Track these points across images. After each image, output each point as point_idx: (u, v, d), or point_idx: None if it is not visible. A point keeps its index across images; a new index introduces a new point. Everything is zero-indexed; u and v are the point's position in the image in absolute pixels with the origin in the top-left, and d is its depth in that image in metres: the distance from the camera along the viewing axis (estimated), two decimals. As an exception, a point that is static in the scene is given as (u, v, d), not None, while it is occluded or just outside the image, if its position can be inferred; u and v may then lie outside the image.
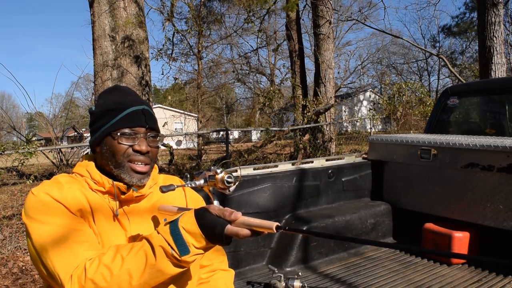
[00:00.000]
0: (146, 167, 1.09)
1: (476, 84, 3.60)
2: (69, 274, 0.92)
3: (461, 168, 2.47)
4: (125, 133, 1.06)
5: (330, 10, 9.03)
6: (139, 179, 1.09)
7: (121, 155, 1.06)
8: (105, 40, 6.88)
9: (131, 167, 1.07)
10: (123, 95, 1.12)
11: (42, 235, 0.96)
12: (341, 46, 27.14)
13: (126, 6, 6.98)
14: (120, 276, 0.88)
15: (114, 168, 1.07)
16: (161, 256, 0.88)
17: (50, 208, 0.99)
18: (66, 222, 0.98)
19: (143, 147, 1.07)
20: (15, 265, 3.78)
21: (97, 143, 1.10)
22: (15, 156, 5.00)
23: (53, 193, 1.01)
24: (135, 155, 1.07)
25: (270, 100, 8.27)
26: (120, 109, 1.08)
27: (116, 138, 1.06)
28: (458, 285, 2.17)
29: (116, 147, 1.06)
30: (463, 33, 24.87)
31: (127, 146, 1.06)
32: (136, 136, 1.07)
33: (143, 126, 1.08)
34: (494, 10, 6.33)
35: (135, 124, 1.07)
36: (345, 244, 2.66)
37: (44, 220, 0.97)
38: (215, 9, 12.95)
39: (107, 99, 1.12)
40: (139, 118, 1.08)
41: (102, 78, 6.86)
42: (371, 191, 3.07)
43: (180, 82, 9.80)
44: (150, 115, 1.11)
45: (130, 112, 1.08)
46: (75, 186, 1.06)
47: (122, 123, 1.06)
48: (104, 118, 1.08)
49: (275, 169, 2.65)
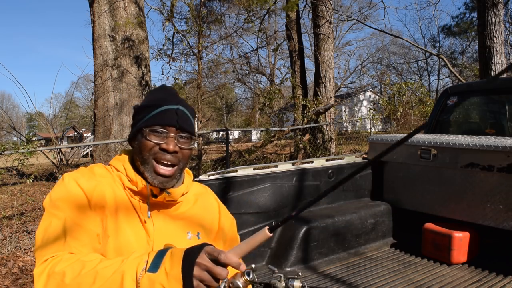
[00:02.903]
0: (171, 170, 1.06)
1: (476, 84, 3.60)
2: (45, 258, 0.93)
3: (461, 168, 2.47)
4: (154, 130, 1.05)
5: (330, 10, 9.03)
6: (160, 181, 1.06)
7: (147, 151, 1.05)
8: (105, 40, 6.88)
9: (154, 168, 1.05)
10: (163, 94, 1.12)
11: (48, 226, 0.99)
12: (341, 46, 27.13)
13: (126, 6, 6.98)
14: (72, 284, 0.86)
15: (141, 164, 1.07)
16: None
17: (69, 199, 1.01)
18: (75, 215, 0.99)
19: (170, 146, 1.04)
20: (15, 265, 3.78)
21: (132, 138, 1.12)
22: (15, 156, 5.00)
23: (81, 182, 1.03)
24: (161, 153, 1.05)
25: (270, 100, 8.27)
26: (155, 106, 1.07)
27: (145, 134, 1.05)
28: (458, 285, 2.17)
29: (144, 143, 1.05)
30: (463, 33, 24.87)
31: (154, 144, 1.05)
32: (166, 135, 1.05)
33: (173, 126, 1.06)
34: (494, 10, 6.33)
35: (165, 122, 1.05)
36: (345, 244, 2.66)
37: (56, 213, 0.99)
38: (215, 9, 12.96)
39: (150, 96, 1.14)
40: (171, 117, 1.06)
41: (102, 78, 6.86)
42: (371, 191, 3.07)
43: (180, 82, 9.78)
44: (184, 116, 1.08)
45: (163, 110, 1.06)
46: (106, 181, 1.07)
47: (154, 120, 1.06)
48: (141, 114, 1.09)
49: (275, 169, 2.65)
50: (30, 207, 5.91)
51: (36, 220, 5.06)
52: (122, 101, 6.89)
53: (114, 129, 6.84)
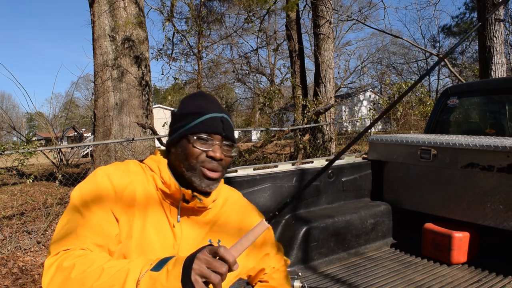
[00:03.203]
0: (217, 174, 1.08)
1: (476, 84, 3.60)
2: (58, 251, 0.94)
3: (461, 168, 2.47)
4: (201, 137, 1.05)
5: (330, 10, 9.03)
6: (208, 184, 1.07)
7: (194, 159, 1.05)
8: (105, 40, 6.88)
9: (203, 172, 1.06)
10: (205, 101, 1.12)
11: (69, 220, 1.00)
12: (341, 46, 27.14)
13: (126, 6, 6.98)
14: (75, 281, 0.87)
15: (186, 170, 1.07)
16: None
17: (96, 195, 1.01)
18: (99, 213, 1.00)
19: (217, 154, 1.05)
20: (15, 265, 3.78)
21: (173, 144, 1.11)
22: (15, 156, 5.01)
23: (113, 178, 1.05)
24: (209, 161, 1.06)
25: (270, 100, 8.26)
26: (200, 113, 1.08)
27: (191, 141, 1.05)
28: (458, 285, 2.17)
29: (191, 150, 1.05)
30: (463, 33, 24.86)
31: (201, 151, 1.05)
32: (212, 143, 1.06)
33: (219, 134, 1.07)
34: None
35: (212, 130, 1.06)
36: (345, 244, 2.66)
37: (80, 208, 1.00)
38: (215, 9, 12.96)
39: (190, 103, 1.13)
40: (217, 125, 1.07)
41: (102, 78, 6.86)
42: (371, 191, 3.07)
43: (180, 82, 9.79)
44: (228, 124, 1.10)
45: (209, 118, 1.07)
46: (140, 179, 1.08)
47: (200, 128, 1.06)
48: (183, 121, 1.09)
49: (275, 169, 2.65)
50: (30, 207, 5.91)
51: (36, 220, 5.06)
52: (122, 101, 6.89)
53: (114, 129, 6.84)
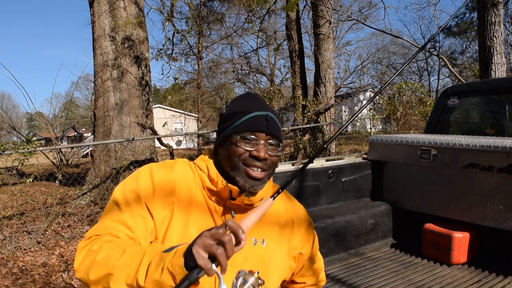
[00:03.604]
0: (262, 173, 1.06)
1: (476, 84, 3.60)
2: (91, 235, 0.98)
3: (461, 169, 2.47)
4: (244, 137, 1.04)
5: (330, 10, 9.03)
6: (252, 185, 1.06)
7: (237, 157, 1.04)
8: (105, 40, 6.88)
9: (246, 171, 1.05)
10: (250, 101, 1.11)
11: (108, 212, 1.04)
12: (341, 46, 27.12)
13: (126, 6, 6.98)
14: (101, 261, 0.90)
15: (230, 170, 1.06)
16: None
17: (137, 190, 1.04)
18: (137, 208, 1.02)
19: (261, 154, 1.04)
20: (15, 265, 3.78)
21: (220, 144, 1.10)
22: (15, 156, 5.00)
23: (155, 175, 1.06)
24: (251, 160, 1.04)
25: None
26: (244, 112, 1.07)
27: (235, 141, 1.04)
28: (458, 285, 2.18)
29: (234, 149, 1.04)
30: (463, 33, 24.86)
31: (244, 150, 1.04)
32: (256, 142, 1.05)
33: (263, 132, 1.05)
34: (494, 10, 6.33)
35: (255, 128, 1.05)
36: (345, 244, 2.66)
37: (120, 201, 1.04)
38: (215, 9, 12.95)
39: (236, 103, 1.13)
40: (261, 123, 1.05)
41: (102, 78, 6.86)
42: (371, 191, 3.07)
43: (180, 82, 9.80)
44: (273, 122, 1.08)
45: (253, 116, 1.06)
46: (184, 179, 1.08)
47: (244, 127, 1.05)
48: (229, 121, 1.08)
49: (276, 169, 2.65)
50: (30, 207, 5.91)
51: (36, 220, 5.06)
52: (122, 101, 6.89)
53: (114, 129, 6.84)
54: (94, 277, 0.89)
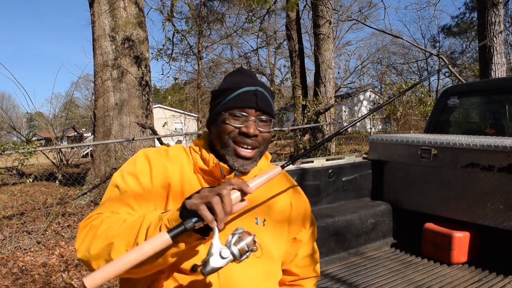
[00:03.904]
0: (252, 152, 1.04)
1: (476, 84, 3.60)
2: (92, 215, 0.98)
3: (461, 168, 2.47)
4: (233, 113, 1.02)
5: (330, 10, 9.03)
6: (241, 164, 1.04)
7: (226, 135, 1.03)
8: (105, 40, 6.88)
9: (235, 150, 1.03)
10: (242, 76, 1.09)
11: (108, 195, 1.05)
12: (341, 46, 27.11)
13: (126, 6, 6.98)
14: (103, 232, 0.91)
15: (220, 148, 1.05)
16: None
17: (135, 172, 1.05)
18: (137, 188, 1.03)
19: (250, 130, 1.01)
20: (15, 265, 3.78)
21: (211, 123, 1.09)
22: (15, 156, 5.01)
23: (151, 158, 1.07)
24: (241, 137, 1.02)
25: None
26: (233, 88, 1.05)
27: (224, 118, 1.03)
28: (458, 285, 2.17)
29: (223, 126, 1.03)
30: (463, 33, 24.87)
31: (233, 127, 1.02)
32: (246, 118, 1.02)
33: (252, 108, 1.03)
34: (494, 10, 6.33)
35: (244, 104, 1.02)
36: (346, 244, 2.66)
37: (120, 184, 1.04)
38: (215, 9, 12.95)
39: (227, 79, 1.11)
40: (250, 98, 1.03)
41: (102, 78, 6.86)
42: (371, 191, 3.07)
43: (180, 82, 9.79)
44: (263, 98, 1.05)
45: (242, 92, 1.03)
46: (178, 162, 1.08)
47: (232, 103, 1.03)
48: (218, 98, 1.07)
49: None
50: (30, 207, 5.91)
51: (36, 220, 5.06)
52: (122, 101, 6.89)
53: (114, 129, 6.84)
54: (95, 251, 0.88)
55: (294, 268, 1.25)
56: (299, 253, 1.23)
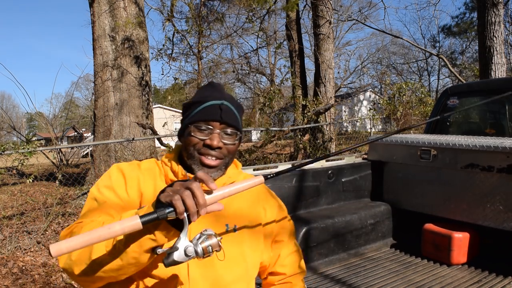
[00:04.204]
0: (216, 161, 1.08)
1: (476, 84, 3.60)
2: (72, 224, 1.00)
3: (461, 169, 2.47)
4: (198, 126, 1.07)
5: (330, 10, 9.03)
6: (206, 172, 1.07)
7: (192, 147, 1.08)
8: (105, 40, 6.87)
9: (200, 160, 1.08)
10: (210, 90, 1.13)
11: (87, 207, 1.07)
12: (341, 46, 27.13)
13: (126, 6, 6.98)
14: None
15: (187, 159, 1.10)
16: None
17: (110, 185, 1.08)
18: (113, 199, 1.06)
19: (214, 142, 1.06)
20: (15, 265, 3.78)
21: (181, 135, 1.14)
22: (15, 156, 5.00)
23: (125, 171, 1.11)
24: (205, 149, 1.07)
25: (271, 100, 8.26)
26: (200, 102, 1.10)
27: (190, 131, 1.08)
28: (458, 285, 2.18)
29: (189, 139, 1.08)
30: (463, 33, 24.86)
31: (198, 140, 1.07)
32: (210, 131, 1.07)
33: (217, 121, 1.07)
34: (494, 10, 6.33)
35: (209, 117, 1.07)
36: (345, 245, 2.66)
37: (98, 196, 1.07)
38: (215, 9, 12.95)
39: (197, 93, 1.16)
40: (215, 112, 1.08)
41: (102, 78, 6.86)
42: (371, 191, 3.07)
43: (180, 82, 9.78)
44: (228, 111, 1.10)
45: (208, 105, 1.08)
46: (150, 174, 1.12)
47: (198, 116, 1.08)
48: (188, 111, 1.12)
49: (275, 169, 2.65)
50: (30, 207, 5.91)
51: (36, 220, 5.06)
52: (122, 101, 6.89)
53: (114, 129, 6.84)
54: (76, 255, 0.89)
55: (280, 268, 1.28)
56: (281, 253, 1.27)
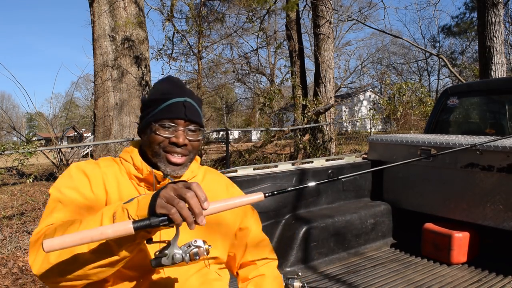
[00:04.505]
0: (182, 158, 1.09)
1: (476, 84, 3.60)
2: (41, 227, 0.96)
3: (461, 168, 2.47)
4: (163, 124, 1.06)
5: (330, 10, 9.03)
6: (173, 169, 1.08)
7: (157, 145, 1.07)
8: (105, 40, 6.88)
9: (167, 157, 1.08)
10: (170, 86, 1.12)
11: (50, 208, 1.03)
12: (341, 46, 27.10)
13: (126, 6, 6.98)
14: None
15: (152, 157, 1.09)
16: None
17: (73, 184, 1.05)
18: (78, 199, 1.03)
19: (180, 140, 1.06)
20: (15, 265, 3.78)
21: (142, 131, 1.14)
22: (15, 156, 5.00)
23: (86, 169, 1.09)
24: (171, 147, 1.07)
25: (271, 100, 8.26)
26: (163, 99, 1.08)
27: (154, 129, 1.07)
28: (458, 285, 2.18)
29: (154, 137, 1.07)
30: (463, 33, 24.86)
31: (163, 138, 1.07)
32: (175, 129, 1.07)
33: (181, 118, 1.07)
34: (494, 10, 6.33)
35: (173, 115, 1.07)
36: (345, 244, 2.66)
37: (60, 197, 1.03)
38: (215, 9, 12.94)
39: (157, 88, 1.14)
40: (179, 110, 1.07)
41: (102, 78, 6.86)
42: (371, 191, 3.07)
43: (180, 82, 9.78)
44: (192, 108, 1.09)
45: (171, 103, 1.07)
46: (111, 171, 1.11)
47: (162, 114, 1.07)
48: (149, 108, 1.10)
49: (275, 169, 2.65)
50: (30, 207, 5.91)
51: (36, 220, 5.05)
52: (122, 101, 6.90)
53: (114, 129, 6.84)
54: (54, 257, 0.86)
55: (250, 256, 1.29)
56: (248, 241, 1.27)
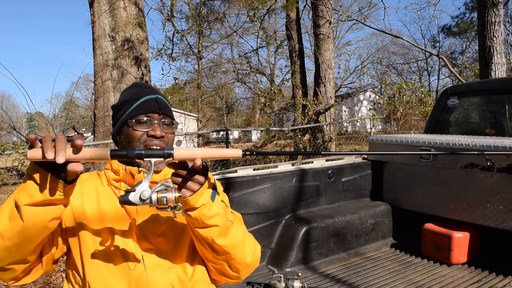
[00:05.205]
0: None
1: (476, 84, 3.60)
2: None
3: (461, 169, 2.47)
4: (139, 119, 1.12)
5: (330, 10, 9.03)
6: (155, 163, 1.10)
7: (137, 141, 1.11)
8: (105, 40, 6.87)
9: None
10: (139, 88, 1.20)
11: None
12: (341, 46, 27.07)
13: (126, 6, 6.98)
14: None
15: None
16: None
17: None
18: None
19: (157, 132, 1.11)
20: (15, 265, 3.78)
21: (118, 134, 1.19)
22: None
23: None
24: (150, 140, 1.12)
25: (271, 100, 8.27)
26: (136, 98, 1.15)
27: (131, 125, 1.12)
28: (458, 285, 2.18)
29: (132, 133, 1.12)
30: (463, 33, 24.86)
31: (142, 132, 1.12)
32: (151, 123, 1.13)
33: (156, 113, 1.14)
34: (494, 10, 6.32)
35: (148, 110, 1.13)
36: (345, 244, 2.66)
37: None
38: (215, 8, 12.94)
39: (126, 93, 1.21)
40: (152, 105, 1.14)
41: (102, 78, 6.86)
42: (371, 191, 3.07)
43: (180, 82, 9.80)
44: (163, 104, 1.17)
45: (144, 100, 1.14)
46: (91, 183, 1.16)
47: (137, 111, 1.13)
48: (122, 109, 1.16)
49: (275, 169, 2.65)
50: (30, 207, 5.90)
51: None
52: (122, 101, 6.90)
53: (114, 129, 6.85)
54: None
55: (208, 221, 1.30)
56: None
